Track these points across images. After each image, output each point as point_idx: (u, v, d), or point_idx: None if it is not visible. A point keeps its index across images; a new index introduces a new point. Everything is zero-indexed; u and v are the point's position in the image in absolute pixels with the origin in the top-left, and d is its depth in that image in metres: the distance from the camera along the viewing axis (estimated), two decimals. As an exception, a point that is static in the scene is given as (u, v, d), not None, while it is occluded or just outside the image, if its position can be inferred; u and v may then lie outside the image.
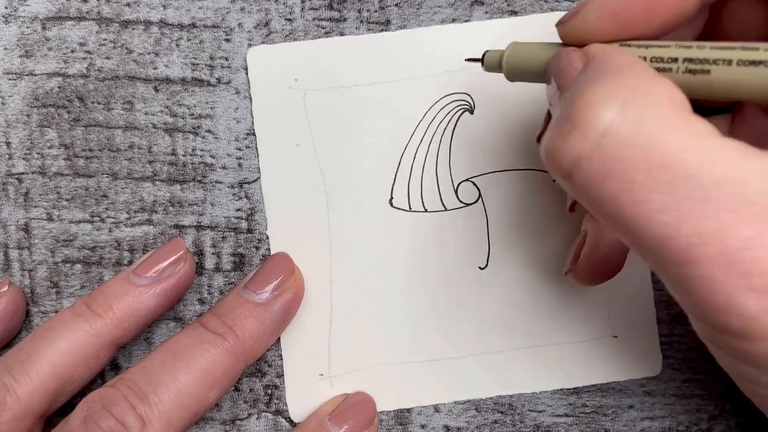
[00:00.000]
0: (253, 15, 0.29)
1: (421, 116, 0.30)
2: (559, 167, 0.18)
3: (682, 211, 0.16)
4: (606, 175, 0.17)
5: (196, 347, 0.26)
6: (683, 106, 0.17)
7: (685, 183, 0.16)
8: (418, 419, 0.30)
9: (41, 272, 0.30)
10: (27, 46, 0.29)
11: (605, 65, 0.19)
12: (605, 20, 0.20)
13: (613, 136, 0.17)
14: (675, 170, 0.16)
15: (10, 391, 0.25)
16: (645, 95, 0.17)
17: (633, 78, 0.18)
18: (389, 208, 0.30)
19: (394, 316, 0.30)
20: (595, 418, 0.30)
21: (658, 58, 0.20)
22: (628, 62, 0.18)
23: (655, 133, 0.17)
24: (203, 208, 0.30)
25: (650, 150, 0.17)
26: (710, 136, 0.17)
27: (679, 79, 0.19)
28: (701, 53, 0.19)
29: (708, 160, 0.16)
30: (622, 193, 0.17)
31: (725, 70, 0.18)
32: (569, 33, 0.21)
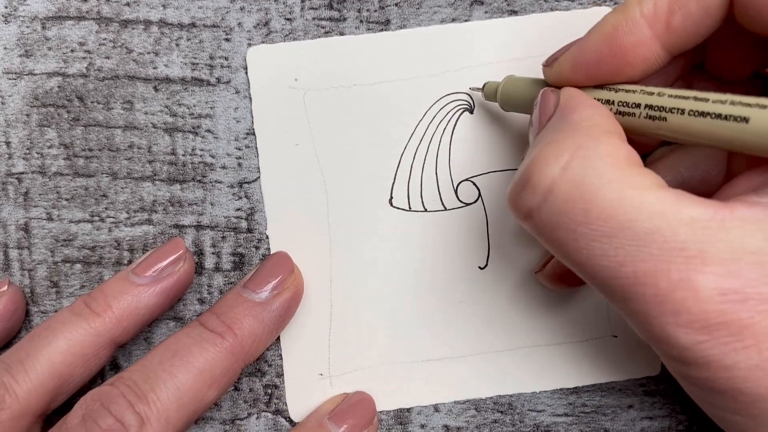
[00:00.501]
0: (253, 14, 0.29)
1: (421, 116, 0.30)
2: (517, 215, 0.21)
3: (620, 257, 0.18)
4: (554, 225, 0.20)
5: (195, 346, 0.26)
6: (627, 161, 0.19)
7: (622, 234, 0.18)
8: (417, 419, 0.30)
9: (41, 272, 0.30)
10: (27, 46, 0.29)
11: (564, 120, 0.21)
12: (578, 72, 0.23)
13: (556, 193, 0.19)
14: (612, 223, 0.18)
15: (9, 390, 0.25)
16: (588, 155, 0.19)
17: (582, 136, 0.20)
18: (389, 208, 0.30)
19: (394, 316, 0.30)
20: (594, 417, 0.30)
21: (623, 103, 0.22)
22: (585, 116, 0.21)
23: (594, 190, 0.19)
24: (203, 208, 0.30)
25: (589, 205, 0.19)
26: (647, 190, 0.19)
27: (641, 123, 0.21)
28: (660, 101, 0.21)
29: (641, 213, 0.18)
30: (568, 241, 0.19)
31: (679, 118, 0.20)
32: (549, 77, 0.24)
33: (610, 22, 0.22)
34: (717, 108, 0.19)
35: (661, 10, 0.21)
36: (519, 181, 0.21)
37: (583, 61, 0.22)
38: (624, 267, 0.18)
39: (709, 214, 0.18)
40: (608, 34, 0.22)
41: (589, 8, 0.30)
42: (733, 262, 0.18)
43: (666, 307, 0.18)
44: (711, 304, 0.18)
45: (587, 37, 0.23)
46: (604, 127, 0.20)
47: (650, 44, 0.21)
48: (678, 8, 0.21)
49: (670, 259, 0.18)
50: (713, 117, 0.19)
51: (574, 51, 0.23)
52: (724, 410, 0.19)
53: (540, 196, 0.20)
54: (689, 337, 0.18)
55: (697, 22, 0.21)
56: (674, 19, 0.21)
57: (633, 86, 0.22)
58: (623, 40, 0.21)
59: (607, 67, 0.22)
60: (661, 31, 0.21)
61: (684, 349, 0.18)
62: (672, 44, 0.21)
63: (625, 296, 0.19)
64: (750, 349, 0.18)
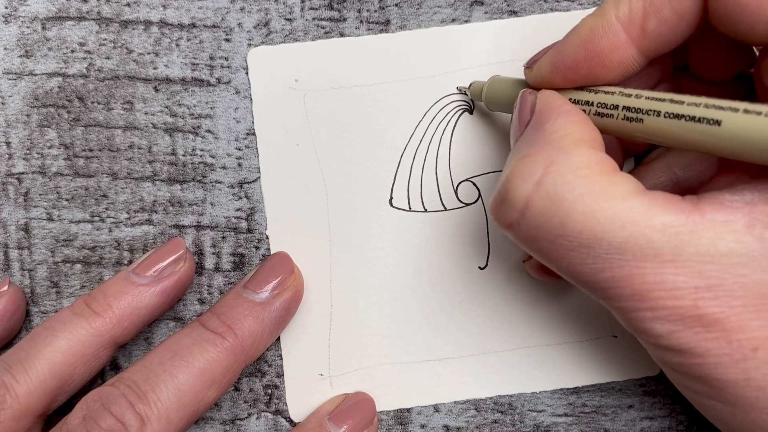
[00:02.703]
0: (253, 15, 0.29)
1: (421, 116, 0.30)
2: (499, 227, 0.22)
3: (598, 265, 0.20)
4: (533, 237, 0.21)
5: (196, 346, 0.26)
6: (599, 170, 0.20)
7: (598, 244, 0.19)
8: (417, 419, 0.30)
9: (41, 272, 0.30)
10: (27, 46, 0.29)
11: (538, 130, 0.22)
12: (557, 75, 0.23)
13: (531, 208, 0.20)
14: (587, 234, 0.19)
15: (10, 390, 0.25)
16: (559, 169, 0.20)
17: (553, 150, 0.21)
18: (389, 208, 0.30)
19: (394, 316, 0.30)
20: (594, 417, 0.30)
21: (602, 104, 0.22)
22: (557, 127, 0.21)
23: (568, 204, 0.20)
24: (203, 208, 0.30)
25: (565, 219, 0.20)
26: (619, 199, 0.19)
27: (618, 125, 0.22)
28: (637, 102, 0.21)
29: (615, 223, 0.19)
30: (549, 251, 0.21)
31: (655, 120, 0.20)
32: (530, 80, 0.25)
33: (587, 26, 0.22)
34: (691, 110, 0.20)
35: (636, 14, 0.21)
36: (498, 195, 0.22)
37: (562, 64, 0.23)
38: (602, 273, 0.20)
39: (681, 220, 0.19)
40: (585, 38, 0.22)
41: (589, 9, 0.30)
42: (704, 264, 0.19)
43: (642, 304, 0.19)
44: (684, 300, 0.19)
45: (565, 40, 0.23)
46: (575, 137, 0.21)
47: (626, 48, 0.21)
48: (652, 13, 0.21)
49: (645, 264, 0.19)
50: (687, 119, 0.20)
51: (553, 54, 0.23)
52: (703, 396, 0.20)
53: (518, 212, 0.21)
54: (664, 327, 0.19)
55: (671, 27, 0.21)
56: (649, 23, 0.21)
57: (612, 88, 0.22)
58: (599, 44, 0.22)
59: (585, 71, 0.22)
60: (637, 35, 0.21)
61: (659, 337, 0.20)
62: (648, 48, 0.22)
63: (605, 295, 0.20)
64: (720, 339, 0.19)
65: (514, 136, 0.23)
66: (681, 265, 0.19)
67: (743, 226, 0.19)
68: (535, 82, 0.24)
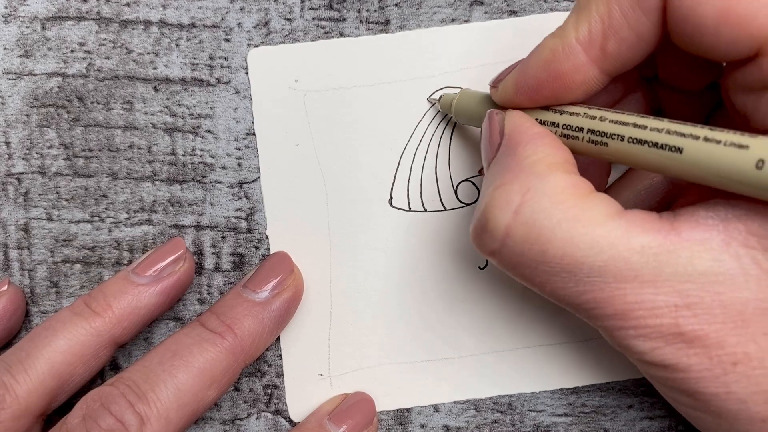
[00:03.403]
0: (253, 15, 0.29)
1: (421, 116, 0.30)
2: (482, 254, 0.22)
3: (580, 288, 0.20)
4: (515, 264, 0.21)
5: (195, 346, 0.26)
6: (574, 194, 0.20)
7: (579, 269, 0.20)
8: (417, 419, 0.30)
9: (41, 272, 0.30)
10: (27, 46, 0.29)
11: (511, 156, 0.22)
12: (521, 96, 0.23)
13: (512, 237, 0.21)
14: (568, 260, 0.20)
15: (9, 390, 0.25)
16: (536, 197, 0.20)
17: (528, 176, 0.21)
18: (389, 208, 0.30)
19: (394, 316, 0.30)
20: (594, 417, 0.30)
21: (567, 126, 0.22)
22: (529, 152, 0.21)
23: (547, 232, 0.20)
24: (203, 208, 0.30)
25: (545, 246, 0.20)
26: (596, 224, 0.20)
27: (584, 147, 0.22)
28: (601, 126, 0.21)
29: (594, 248, 0.20)
30: (531, 276, 0.21)
31: (619, 144, 0.21)
32: (496, 99, 0.25)
33: (548, 48, 0.22)
34: (653, 136, 0.20)
35: (595, 36, 0.21)
36: (478, 224, 0.22)
37: (525, 85, 0.23)
38: (584, 295, 0.20)
39: (658, 240, 0.19)
40: (546, 60, 0.22)
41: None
42: (683, 283, 0.19)
43: (625, 323, 0.20)
44: (665, 318, 0.19)
45: (528, 61, 0.23)
46: (548, 161, 0.21)
47: (587, 69, 0.21)
48: (611, 34, 0.21)
49: (625, 285, 0.20)
50: (650, 145, 0.20)
51: (517, 75, 0.23)
52: (689, 407, 0.21)
53: (498, 241, 0.21)
54: (647, 344, 0.20)
55: (631, 47, 0.21)
56: (609, 44, 0.21)
57: (577, 108, 0.22)
58: (560, 66, 0.22)
59: (548, 92, 0.22)
60: (597, 56, 0.21)
61: (643, 354, 0.20)
62: (609, 68, 0.22)
63: (589, 315, 0.21)
64: (701, 355, 0.19)
65: (487, 159, 0.24)
66: (660, 284, 0.19)
67: (719, 245, 0.19)
68: (500, 101, 0.25)
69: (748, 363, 0.19)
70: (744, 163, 0.18)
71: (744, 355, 0.19)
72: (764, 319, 0.19)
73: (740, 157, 0.18)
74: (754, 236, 0.19)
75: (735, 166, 0.18)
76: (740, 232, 0.19)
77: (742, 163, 0.18)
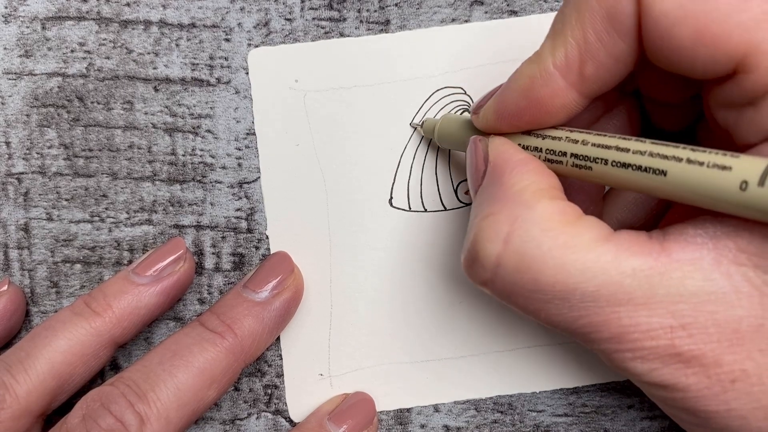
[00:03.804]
0: (253, 15, 0.30)
1: (422, 116, 0.30)
2: (475, 284, 0.22)
3: (574, 313, 0.20)
4: (509, 293, 0.21)
5: (195, 346, 0.26)
6: (562, 220, 0.20)
7: (572, 295, 0.20)
8: (417, 419, 0.30)
9: (41, 272, 0.30)
10: (27, 46, 0.29)
11: (497, 185, 0.22)
12: (502, 122, 0.23)
13: (503, 266, 0.21)
14: (560, 287, 0.20)
15: (9, 390, 0.25)
16: (524, 226, 0.20)
17: (515, 205, 0.21)
18: (389, 208, 0.30)
19: (394, 316, 0.30)
20: (594, 417, 0.30)
21: (551, 151, 0.22)
22: (515, 180, 0.21)
23: (538, 261, 0.20)
24: (203, 208, 0.30)
25: (537, 274, 0.20)
26: (586, 250, 0.20)
27: (569, 171, 0.22)
28: (584, 150, 0.21)
29: (586, 274, 0.20)
30: (525, 305, 0.21)
31: (603, 168, 0.21)
32: (477, 125, 0.25)
33: (526, 75, 0.22)
34: (637, 160, 0.20)
35: (572, 60, 0.21)
36: (468, 255, 0.22)
37: (506, 112, 0.23)
38: (579, 320, 0.20)
39: (649, 263, 0.19)
40: (525, 86, 0.22)
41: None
42: (676, 303, 0.19)
43: (621, 346, 0.20)
44: (660, 340, 0.19)
45: (506, 88, 0.23)
46: (534, 188, 0.21)
47: (566, 93, 0.21)
48: (588, 58, 0.21)
49: (619, 308, 0.19)
50: (634, 168, 0.20)
51: (496, 102, 0.23)
52: (691, 425, 0.21)
53: (490, 271, 0.21)
54: (644, 366, 0.20)
55: (609, 70, 0.21)
56: (586, 68, 0.21)
57: (559, 132, 0.22)
58: (539, 92, 0.22)
59: (529, 117, 0.22)
60: (575, 80, 0.21)
61: (641, 375, 0.20)
62: (588, 91, 0.21)
63: (585, 339, 0.21)
64: (699, 374, 0.19)
65: (473, 186, 0.24)
66: (654, 306, 0.19)
67: (710, 264, 0.19)
68: (483, 127, 0.24)
69: (747, 380, 0.19)
70: (728, 184, 0.18)
71: (742, 372, 0.19)
72: (759, 336, 0.19)
73: (724, 179, 0.18)
74: (744, 253, 0.19)
75: (719, 188, 0.18)
76: (730, 249, 0.19)
77: (726, 184, 0.18)
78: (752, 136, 0.19)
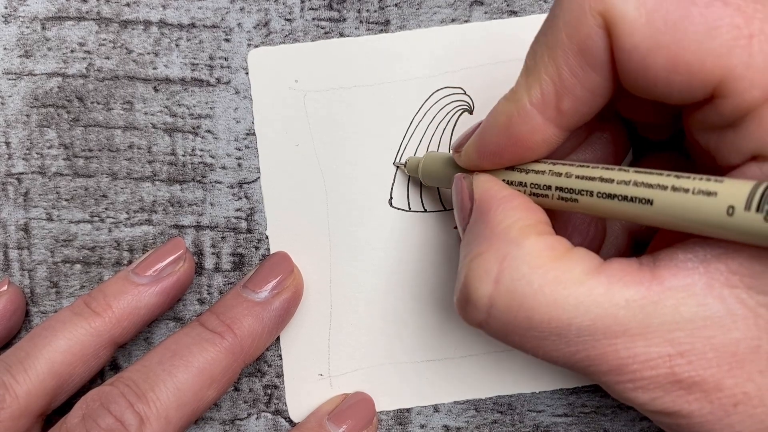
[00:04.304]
0: (253, 15, 0.30)
1: (422, 116, 0.30)
2: (470, 325, 0.22)
3: (571, 348, 0.20)
4: (504, 333, 0.21)
5: (195, 346, 0.26)
6: (551, 256, 0.20)
7: (567, 330, 0.20)
8: (417, 419, 0.30)
9: (41, 272, 0.30)
10: (27, 46, 0.29)
11: (483, 223, 0.22)
12: (484, 160, 0.23)
13: (496, 307, 0.20)
14: (555, 323, 0.20)
15: (9, 390, 0.25)
16: (513, 264, 0.20)
17: (502, 243, 0.21)
18: (389, 208, 0.30)
19: (394, 316, 0.30)
20: (594, 417, 0.30)
21: (535, 185, 0.22)
22: (501, 218, 0.21)
23: (530, 299, 0.20)
24: (203, 208, 0.30)
25: (530, 312, 0.20)
26: (577, 284, 0.20)
27: (555, 204, 0.22)
28: (568, 183, 0.21)
29: (579, 309, 0.19)
30: (522, 343, 0.21)
31: (589, 200, 0.21)
32: (461, 164, 0.25)
33: (504, 113, 0.22)
34: (622, 190, 0.20)
35: (548, 97, 0.21)
36: (461, 297, 0.22)
37: (487, 151, 0.23)
38: (577, 355, 0.20)
39: (642, 292, 0.19)
40: (504, 125, 0.22)
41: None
42: (672, 332, 0.19)
43: (621, 377, 0.20)
44: (660, 369, 0.19)
45: (485, 127, 0.23)
46: (520, 224, 0.21)
47: (545, 129, 0.21)
48: (564, 94, 0.20)
49: (616, 340, 0.19)
50: (620, 199, 0.20)
51: (477, 141, 0.23)
52: None
53: (483, 312, 0.21)
54: (646, 395, 0.20)
55: (586, 102, 0.21)
56: (563, 103, 0.21)
57: (542, 165, 0.22)
58: (518, 129, 0.21)
59: (510, 155, 0.22)
60: (553, 115, 0.21)
61: (644, 404, 0.20)
62: (567, 124, 0.21)
63: (586, 373, 0.21)
64: (701, 399, 0.19)
65: (461, 225, 0.24)
66: (650, 336, 0.19)
67: (702, 289, 0.19)
68: (465, 166, 0.24)
69: (749, 402, 0.19)
70: (715, 210, 0.18)
71: (744, 395, 0.19)
72: (757, 357, 0.19)
73: (710, 205, 0.18)
74: (735, 275, 0.19)
75: (706, 215, 0.18)
76: (721, 272, 0.19)
77: (713, 210, 0.18)
78: (734, 158, 0.19)
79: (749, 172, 0.19)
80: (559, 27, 0.20)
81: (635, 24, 0.18)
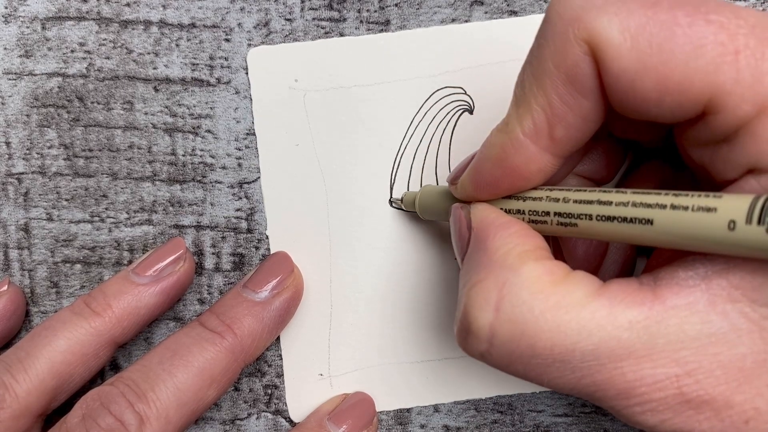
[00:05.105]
0: (253, 15, 0.30)
1: (422, 116, 0.30)
2: (472, 356, 0.22)
3: (577, 374, 0.20)
4: (506, 363, 0.21)
5: (195, 346, 0.26)
6: (550, 281, 0.20)
7: (572, 356, 0.19)
8: (417, 419, 0.30)
9: (41, 272, 0.30)
10: (27, 46, 0.29)
11: (481, 251, 0.22)
12: (480, 191, 0.23)
13: (497, 336, 0.20)
14: (559, 349, 0.19)
15: (9, 390, 0.25)
16: (513, 291, 0.20)
17: (501, 270, 0.20)
18: (389, 209, 0.30)
19: (395, 316, 0.30)
20: (594, 417, 0.30)
21: (533, 212, 0.22)
22: (498, 244, 0.21)
23: (531, 326, 0.20)
24: (203, 208, 0.30)
25: (533, 340, 0.20)
26: (578, 308, 0.19)
27: (555, 230, 0.22)
28: (566, 207, 0.21)
29: (582, 334, 0.19)
30: (526, 372, 0.20)
31: (588, 223, 0.20)
32: (457, 195, 0.25)
33: (497, 145, 0.22)
34: (621, 212, 0.20)
35: (541, 126, 0.21)
36: (461, 327, 0.21)
37: (482, 182, 0.23)
38: (583, 380, 0.20)
39: (644, 313, 0.19)
40: (498, 156, 0.22)
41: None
42: (678, 351, 0.19)
43: (629, 401, 0.19)
44: (668, 390, 0.19)
45: (480, 159, 0.23)
46: (518, 251, 0.21)
47: (539, 158, 0.21)
48: (556, 122, 0.20)
49: (622, 364, 0.19)
50: (619, 221, 0.20)
51: (472, 173, 0.23)
52: None
53: (485, 342, 0.20)
54: (656, 417, 0.19)
55: (579, 128, 0.21)
56: (556, 132, 0.21)
57: (539, 192, 0.22)
58: (512, 160, 0.21)
59: (506, 185, 0.22)
60: (547, 144, 0.21)
61: (654, 427, 0.20)
62: (561, 151, 0.21)
63: (593, 398, 0.20)
64: (712, 418, 0.19)
65: (459, 255, 0.23)
66: (656, 357, 0.19)
67: (705, 306, 0.19)
68: (462, 198, 0.24)
69: (760, 417, 0.19)
70: (716, 226, 0.17)
71: (754, 410, 0.19)
72: (765, 371, 0.19)
73: (711, 221, 0.18)
74: (737, 290, 0.19)
75: (708, 231, 0.18)
76: (723, 288, 0.19)
77: (714, 226, 0.17)
78: (729, 173, 0.19)
79: (747, 186, 0.19)
80: (545, 56, 0.20)
81: (621, 48, 0.18)
